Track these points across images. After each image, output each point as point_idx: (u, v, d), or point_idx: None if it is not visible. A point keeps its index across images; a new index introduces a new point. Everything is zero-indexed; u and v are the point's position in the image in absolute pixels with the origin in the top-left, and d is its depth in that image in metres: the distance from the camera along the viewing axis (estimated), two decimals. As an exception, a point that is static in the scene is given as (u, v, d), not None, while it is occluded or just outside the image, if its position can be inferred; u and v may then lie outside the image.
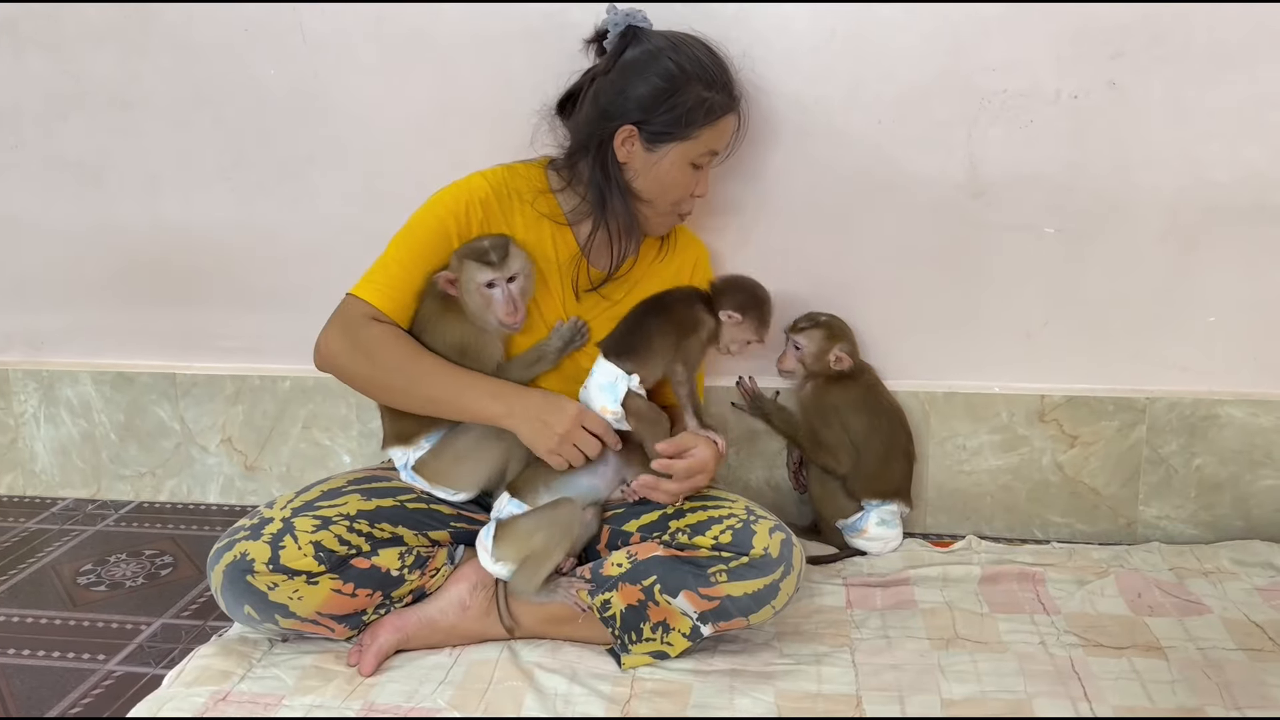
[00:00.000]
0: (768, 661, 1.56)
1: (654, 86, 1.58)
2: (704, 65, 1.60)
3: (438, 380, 1.58)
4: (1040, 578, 1.79)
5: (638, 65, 1.59)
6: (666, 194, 1.64)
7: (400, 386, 1.60)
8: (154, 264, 2.17)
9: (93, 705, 1.51)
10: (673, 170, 1.62)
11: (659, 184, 1.63)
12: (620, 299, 1.73)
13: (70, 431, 2.29)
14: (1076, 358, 1.95)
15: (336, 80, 1.99)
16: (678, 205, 1.68)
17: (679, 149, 1.60)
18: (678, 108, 1.57)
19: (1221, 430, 1.92)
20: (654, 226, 1.71)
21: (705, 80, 1.59)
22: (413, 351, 1.59)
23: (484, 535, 1.59)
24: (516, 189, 1.67)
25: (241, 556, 1.48)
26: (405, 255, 1.62)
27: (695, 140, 1.60)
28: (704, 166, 1.65)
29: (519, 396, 1.58)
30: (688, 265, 1.81)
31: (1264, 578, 1.78)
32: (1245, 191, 1.82)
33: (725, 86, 1.62)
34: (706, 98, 1.59)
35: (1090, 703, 1.43)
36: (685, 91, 1.57)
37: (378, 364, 1.59)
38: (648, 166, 1.62)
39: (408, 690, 1.49)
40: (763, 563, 1.50)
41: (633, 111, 1.59)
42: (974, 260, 1.93)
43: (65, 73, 2.09)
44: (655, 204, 1.65)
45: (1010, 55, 1.81)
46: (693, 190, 1.67)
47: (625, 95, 1.59)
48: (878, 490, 1.90)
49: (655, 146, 1.60)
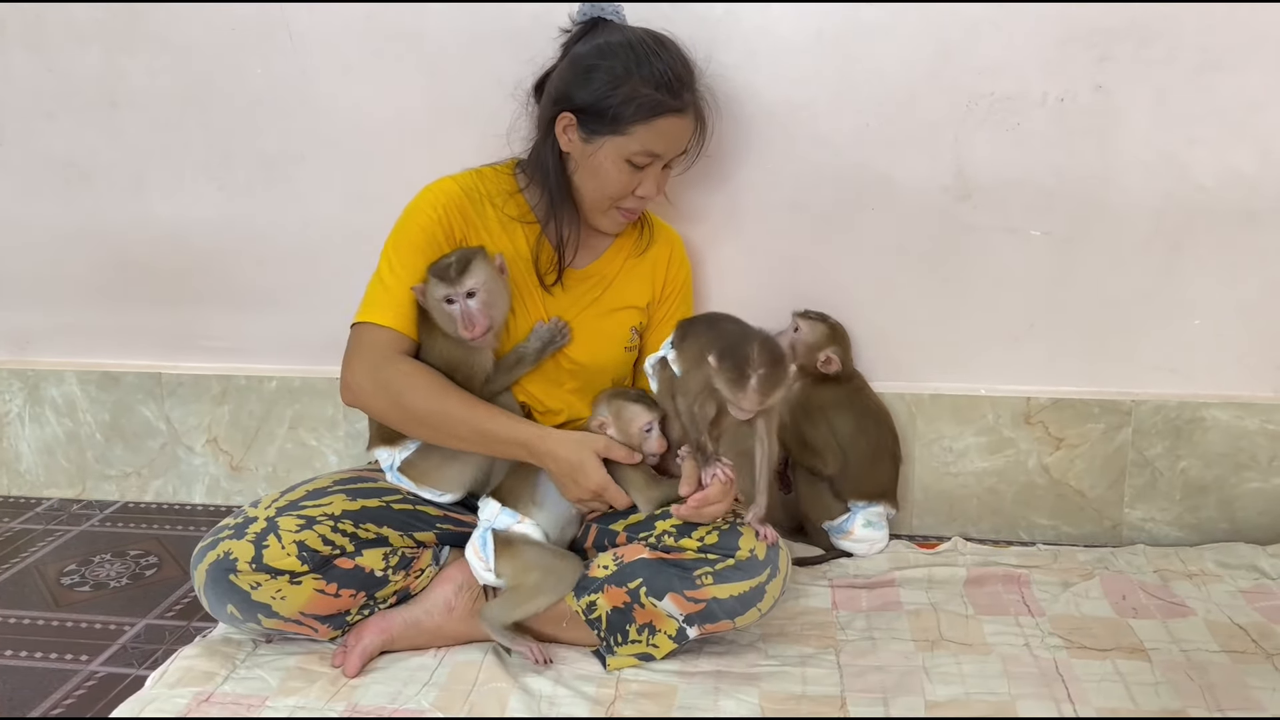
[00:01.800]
0: (753, 663, 1.56)
1: (595, 78, 1.57)
2: (649, 63, 1.56)
3: (464, 428, 1.56)
4: (1025, 580, 1.79)
5: (586, 55, 1.59)
6: (603, 189, 1.63)
7: (428, 434, 1.60)
8: (140, 263, 2.16)
9: (75, 706, 1.50)
10: (607, 165, 1.60)
11: (594, 178, 1.62)
12: (598, 295, 1.73)
13: (55, 431, 2.28)
14: (1062, 360, 1.96)
15: (323, 80, 1.99)
16: (616, 201, 1.65)
17: (613, 144, 1.58)
18: (613, 101, 1.55)
19: (1206, 433, 1.93)
20: (597, 220, 1.70)
21: (647, 78, 1.56)
22: (439, 393, 1.56)
23: (480, 543, 1.57)
24: (487, 193, 1.68)
25: (225, 555, 1.48)
26: (401, 270, 1.60)
27: (629, 137, 1.57)
28: (645, 167, 1.61)
29: (549, 452, 1.55)
30: (663, 259, 1.81)
31: (1248, 580, 1.78)
32: (1231, 195, 1.83)
33: (670, 88, 1.57)
34: (645, 95, 1.55)
35: (1074, 704, 1.43)
36: (624, 86, 1.55)
37: (406, 409, 1.57)
38: (584, 158, 1.61)
39: (392, 691, 1.48)
40: (749, 565, 1.50)
41: (574, 100, 1.59)
42: (960, 262, 1.93)
43: (51, 72, 2.08)
44: (593, 198, 1.65)
45: (997, 58, 1.82)
46: (633, 189, 1.63)
47: (569, 84, 1.59)
48: (864, 492, 1.90)
49: (591, 138, 1.59)
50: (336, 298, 1.91)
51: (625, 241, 1.78)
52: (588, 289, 1.74)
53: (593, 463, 1.54)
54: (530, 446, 1.55)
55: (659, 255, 1.81)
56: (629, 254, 1.78)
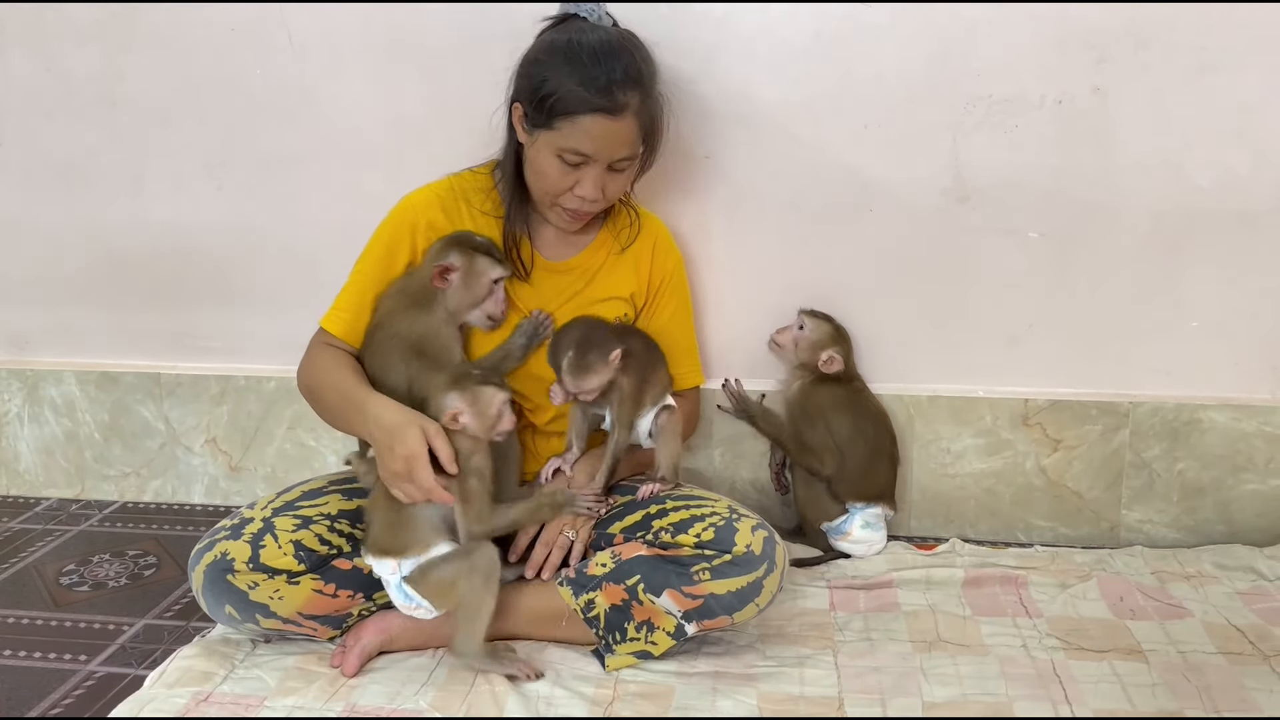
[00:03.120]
0: (750, 663, 1.56)
1: (534, 70, 1.58)
2: (581, 59, 1.54)
3: (334, 392, 1.60)
4: (1023, 581, 1.79)
5: (539, 49, 1.60)
6: (540, 184, 1.63)
7: (319, 402, 1.65)
8: (139, 263, 2.16)
9: (74, 706, 1.50)
10: (541, 159, 1.59)
11: (534, 171, 1.62)
12: (581, 289, 1.73)
13: (54, 431, 2.28)
14: (1060, 362, 1.96)
15: (322, 81, 1.99)
16: (555, 198, 1.63)
17: (545, 138, 1.57)
18: (540, 91, 1.55)
19: (1204, 435, 1.93)
20: (549, 217, 1.70)
21: (575, 73, 1.53)
22: (328, 366, 1.63)
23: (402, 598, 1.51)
24: (464, 192, 1.70)
25: (222, 556, 1.48)
26: (360, 281, 1.67)
27: (557, 132, 1.55)
28: (579, 166, 1.58)
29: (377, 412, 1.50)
30: (646, 248, 1.79)
31: (1245, 582, 1.79)
32: (1228, 197, 1.83)
33: (598, 86, 1.53)
34: (570, 90, 1.53)
35: (1071, 705, 1.43)
36: (553, 80, 1.54)
37: (312, 387, 1.65)
38: (528, 150, 1.62)
39: (390, 691, 1.48)
40: (745, 560, 1.50)
41: (521, 92, 1.60)
42: (958, 264, 1.93)
43: (49, 72, 2.08)
44: (536, 192, 1.66)
45: (995, 60, 1.82)
46: (569, 188, 1.60)
47: (519, 74, 1.61)
48: (862, 493, 1.90)
49: (531, 131, 1.59)
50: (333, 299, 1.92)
51: (609, 235, 1.78)
52: (570, 281, 1.74)
53: (414, 432, 1.44)
54: (364, 408, 1.52)
55: (642, 246, 1.79)
56: (613, 248, 1.77)
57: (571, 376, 1.57)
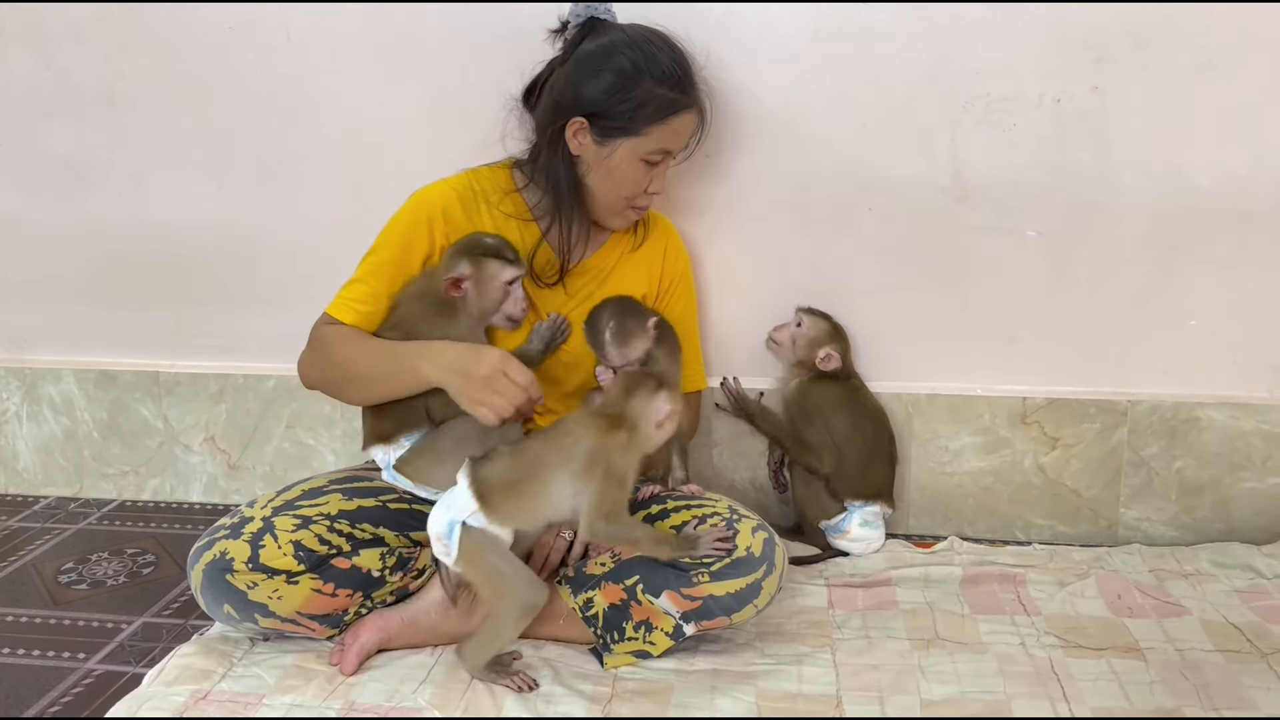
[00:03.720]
0: (749, 661, 1.56)
1: (606, 81, 1.58)
2: (659, 61, 1.59)
3: (370, 355, 1.59)
4: (1021, 579, 1.79)
5: (592, 58, 1.60)
6: (618, 189, 1.64)
7: (347, 375, 1.62)
8: (138, 262, 2.17)
9: (72, 704, 1.50)
10: (623, 165, 1.62)
11: (610, 179, 1.63)
12: (594, 291, 1.74)
13: (53, 429, 2.28)
14: (1058, 360, 1.96)
15: (321, 80, 1.99)
16: (631, 200, 1.67)
17: (629, 145, 1.60)
18: (628, 103, 1.57)
19: (1202, 433, 1.93)
20: (609, 220, 1.71)
21: (658, 76, 1.58)
22: (352, 337, 1.61)
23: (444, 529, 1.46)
24: (482, 191, 1.69)
25: (221, 555, 1.48)
26: (373, 274, 1.65)
27: (646, 137, 1.60)
28: (658, 164, 1.64)
29: (440, 350, 1.54)
30: (659, 250, 1.82)
31: (1243, 580, 1.79)
32: (1226, 196, 1.84)
33: (680, 84, 1.60)
34: (659, 94, 1.58)
35: (1069, 703, 1.43)
36: (637, 87, 1.57)
37: (329, 359, 1.62)
38: (599, 160, 1.62)
39: (389, 689, 1.48)
40: (745, 562, 1.50)
41: (584, 104, 1.59)
42: (957, 263, 1.93)
43: (49, 71, 2.08)
44: (608, 199, 1.66)
45: (994, 59, 1.82)
46: (646, 187, 1.66)
47: (578, 88, 1.60)
48: (861, 491, 1.90)
49: (606, 141, 1.60)
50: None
51: (622, 235, 1.79)
52: (584, 283, 1.74)
53: (490, 352, 1.51)
54: (424, 355, 1.54)
55: (655, 247, 1.81)
56: (626, 248, 1.78)
57: (615, 346, 1.61)
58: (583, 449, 1.44)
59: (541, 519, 1.49)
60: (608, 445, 1.44)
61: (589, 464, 1.43)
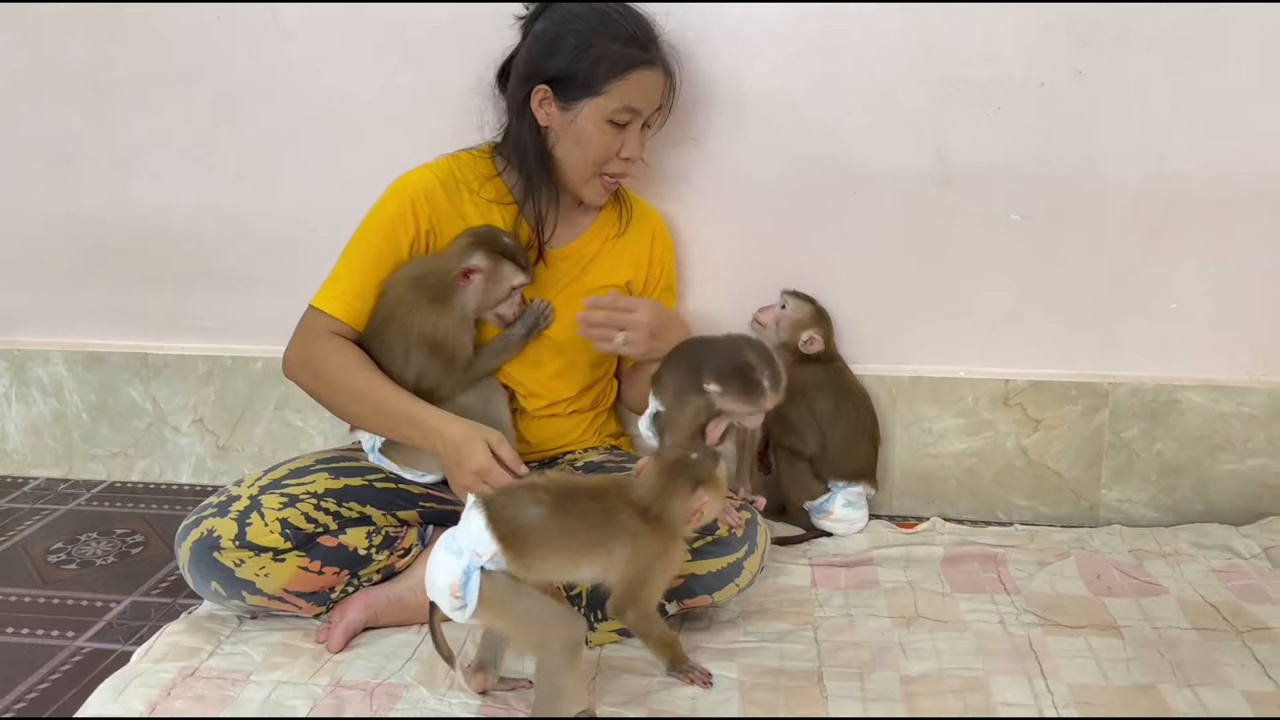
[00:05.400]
0: (731, 639, 1.58)
1: (564, 45, 1.60)
2: (612, 20, 1.60)
3: (366, 403, 1.60)
4: (1002, 559, 1.81)
5: (550, 26, 1.62)
6: (587, 154, 1.65)
7: (340, 407, 1.66)
8: (126, 245, 2.17)
9: (61, 681, 1.52)
10: (589, 128, 1.62)
11: (578, 145, 1.64)
12: (577, 276, 1.75)
13: (42, 411, 2.29)
14: (1041, 343, 1.98)
15: (308, 65, 1.99)
16: (602, 166, 1.67)
17: (593, 105, 1.61)
18: (585, 60, 1.58)
19: (1182, 415, 1.95)
20: (583, 191, 1.71)
21: (614, 35, 1.59)
22: (351, 369, 1.61)
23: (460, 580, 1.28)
24: (464, 178, 1.70)
25: (208, 533, 1.49)
26: (357, 262, 1.65)
27: (607, 95, 1.60)
28: (626, 125, 1.64)
29: (438, 431, 1.54)
30: (645, 238, 1.83)
31: (1221, 560, 1.81)
32: (1209, 181, 1.85)
33: (637, 41, 1.61)
34: (614, 50, 1.59)
35: (1046, 679, 1.45)
36: (592, 46, 1.58)
37: (323, 383, 1.64)
38: (565, 127, 1.63)
39: (375, 667, 1.50)
40: (727, 541, 1.52)
41: (546, 71, 1.61)
42: (941, 247, 1.95)
43: (36, 57, 2.08)
44: (579, 167, 1.67)
45: (979, 43, 1.83)
46: (617, 151, 1.66)
47: (538, 58, 1.62)
48: (844, 472, 1.92)
49: (570, 105, 1.62)
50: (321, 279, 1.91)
51: (606, 221, 1.79)
52: (568, 268, 1.75)
53: (480, 446, 1.50)
54: (422, 424, 1.55)
55: (641, 234, 1.82)
56: (609, 234, 1.79)
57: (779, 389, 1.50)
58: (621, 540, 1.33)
59: (563, 580, 1.41)
60: (646, 541, 1.33)
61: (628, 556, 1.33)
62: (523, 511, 1.30)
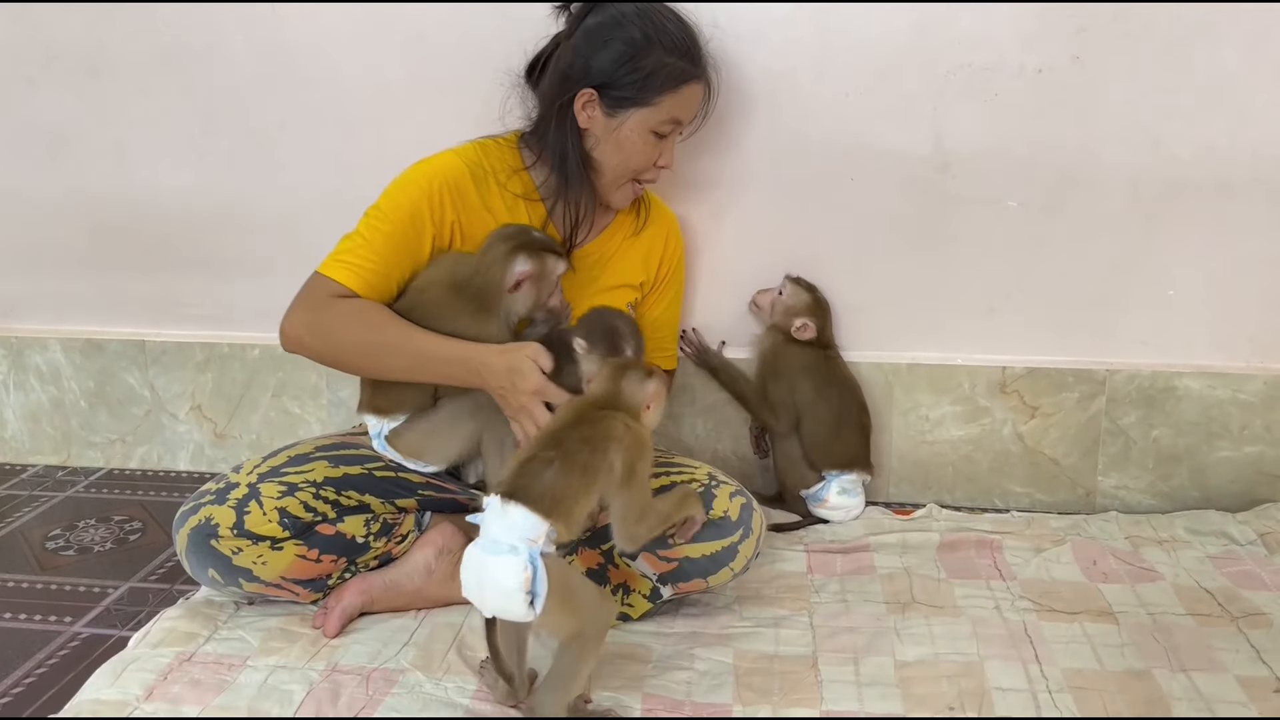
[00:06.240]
0: (727, 624, 1.58)
1: (616, 51, 1.57)
2: (668, 31, 1.58)
3: (400, 354, 1.52)
4: (998, 545, 1.82)
5: (600, 29, 1.58)
6: (627, 162, 1.63)
7: (366, 365, 1.57)
8: (123, 231, 2.17)
9: (59, 665, 1.52)
10: (633, 137, 1.61)
11: (620, 151, 1.62)
12: (597, 275, 1.73)
13: (40, 398, 2.29)
14: (1038, 330, 1.98)
15: (306, 48, 1.99)
16: (639, 174, 1.67)
17: (639, 115, 1.59)
18: (639, 72, 1.56)
19: (1179, 402, 1.95)
20: (614, 197, 1.70)
21: (668, 46, 1.57)
22: (375, 323, 1.52)
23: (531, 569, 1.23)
24: (492, 169, 1.64)
25: (206, 521, 1.49)
26: (379, 238, 1.56)
27: (656, 107, 1.59)
28: (667, 136, 1.63)
29: (484, 363, 1.49)
30: (660, 237, 1.82)
31: (1217, 546, 1.81)
32: (1206, 167, 1.85)
33: (689, 54, 1.60)
34: (669, 64, 1.57)
35: (1041, 665, 1.46)
36: (647, 56, 1.56)
37: (340, 345, 1.54)
38: (608, 133, 1.61)
39: (371, 652, 1.50)
40: (722, 525, 1.52)
41: (594, 76, 1.58)
42: (938, 233, 1.95)
43: (33, 39, 2.07)
44: (616, 172, 1.65)
45: (976, 29, 1.83)
46: (655, 160, 1.65)
47: (586, 60, 1.58)
48: (834, 461, 1.92)
49: (616, 112, 1.59)
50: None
51: (624, 220, 1.78)
52: (586, 267, 1.74)
53: (529, 366, 1.45)
54: (468, 360, 1.49)
55: (656, 233, 1.81)
56: (627, 232, 1.78)
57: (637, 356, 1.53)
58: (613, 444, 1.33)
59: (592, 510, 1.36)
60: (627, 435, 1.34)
61: (626, 471, 1.33)
62: (542, 478, 1.28)
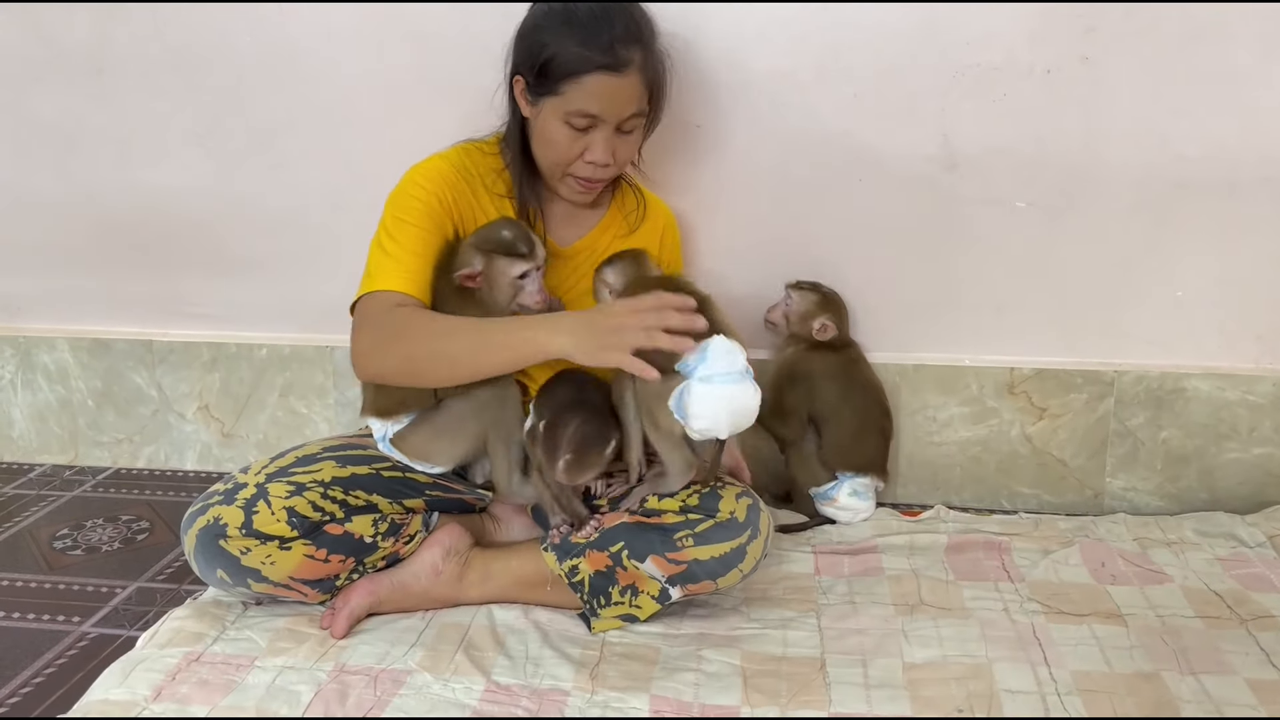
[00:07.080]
0: (734, 626, 1.58)
1: (532, 37, 1.57)
2: (580, 21, 1.54)
3: (463, 336, 1.48)
4: (1006, 546, 1.81)
5: (534, 15, 1.60)
6: (549, 154, 1.62)
7: (431, 359, 1.50)
8: (130, 230, 2.17)
9: (67, 666, 1.53)
10: (549, 127, 1.58)
11: (542, 142, 1.62)
12: (587, 273, 1.73)
13: (48, 398, 2.29)
14: (1046, 331, 1.97)
15: (312, 48, 1.98)
16: (566, 168, 1.62)
17: (550, 104, 1.56)
18: (541, 58, 1.54)
19: (1188, 403, 1.95)
20: (558, 189, 1.68)
21: (578, 36, 1.53)
22: (434, 317, 1.51)
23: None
24: (478, 171, 1.67)
25: (215, 521, 1.49)
26: (408, 239, 1.55)
27: (562, 96, 1.54)
28: (589, 131, 1.58)
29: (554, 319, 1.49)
30: (655, 234, 1.81)
31: (1226, 548, 1.81)
32: (1214, 167, 1.84)
33: (602, 45, 1.53)
34: (572, 51, 1.52)
35: (1050, 667, 1.45)
36: (552, 45, 1.53)
37: (408, 344, 1.50)
38: (534, 122, 1.61)
39: (379, 652, 1.50)
40: (729, 526, 1.52)
41: (521, 63, 1.59)
42: (946, 233, 1.94)
43: (38, 38, 2.07)
44: (545, 164, 1.64)
45: (984, 28, 1.82)
46: (579, 154, 1.60)
47: (516, 45, 1.60)
48: (851, 463, 1.92)
49: (536, 100, 1.59)
50: (326, 266, 1.92)
51: (616, 217, 1.78)
52: (579, 264, 1.74)
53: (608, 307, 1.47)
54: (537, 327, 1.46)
55: (651, 229, 1.80)
56: (620, 230, 1.77)
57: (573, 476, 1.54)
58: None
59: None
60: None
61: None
62: (725, 319, 1.51)
